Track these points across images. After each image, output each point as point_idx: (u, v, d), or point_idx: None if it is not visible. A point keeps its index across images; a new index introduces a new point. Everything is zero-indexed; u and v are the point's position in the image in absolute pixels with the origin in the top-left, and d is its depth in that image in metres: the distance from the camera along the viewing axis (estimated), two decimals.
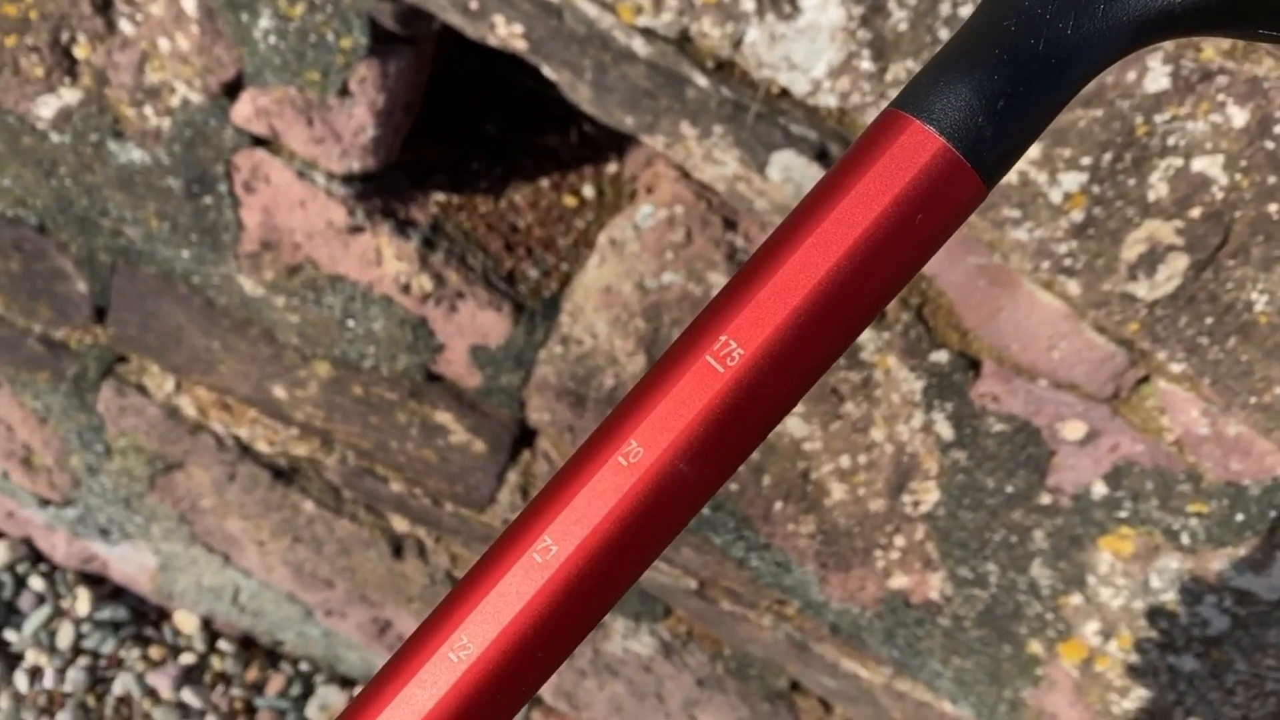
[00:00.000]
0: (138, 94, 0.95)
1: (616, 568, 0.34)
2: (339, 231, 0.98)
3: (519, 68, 0.99)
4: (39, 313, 1.16)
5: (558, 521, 0.34)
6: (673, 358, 0.34)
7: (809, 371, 0.33)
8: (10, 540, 1.55)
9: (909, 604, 1.01)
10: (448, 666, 0.35)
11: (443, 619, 0.36)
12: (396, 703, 0.36)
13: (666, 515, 0.34)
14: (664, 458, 0.33)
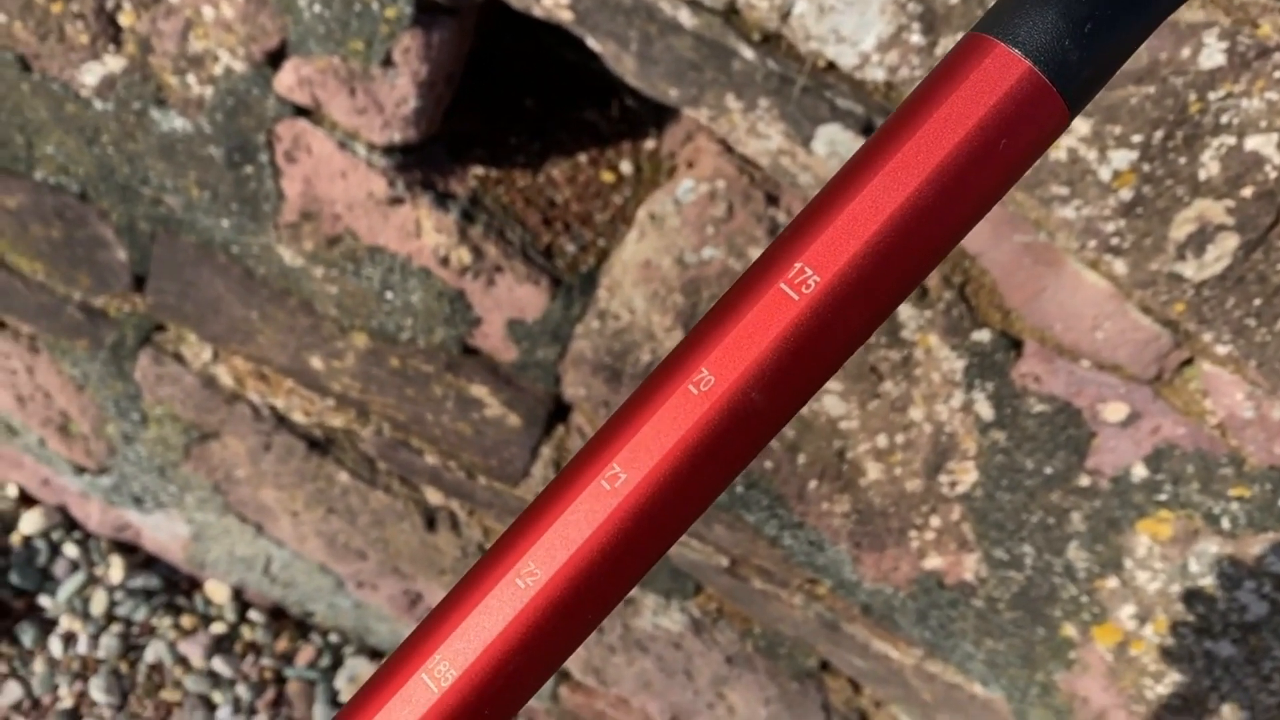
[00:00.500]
0: (181, 62, 0.96)
1: (684, 497, 0.34)
2: (379, 203, 0.98)
3: (561, 40, 0.99)
4: (79, 280, 1.17)
5: (627, 450, 0.34)
6: (745, 286, 0.33)
7: (885, 301, 0.32)
8: (45, 507, 1.57)
9: (943, 585, 1.01)
10: (514, 593, 0.35)
11: (509, 547, 0.36)
12: (463, 629, 0.35)
13: (736, 445, 0.33)
14: (735, 386, 0.32)
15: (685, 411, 0.33)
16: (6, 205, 1.12)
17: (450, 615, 0.36)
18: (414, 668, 0.35)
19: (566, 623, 0.35)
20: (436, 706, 0.35)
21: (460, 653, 0.35)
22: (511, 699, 0.36)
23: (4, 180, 1.10)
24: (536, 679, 0.36)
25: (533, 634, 0.34)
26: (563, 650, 0.36)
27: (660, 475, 0.33)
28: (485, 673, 0.35)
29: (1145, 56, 0.66)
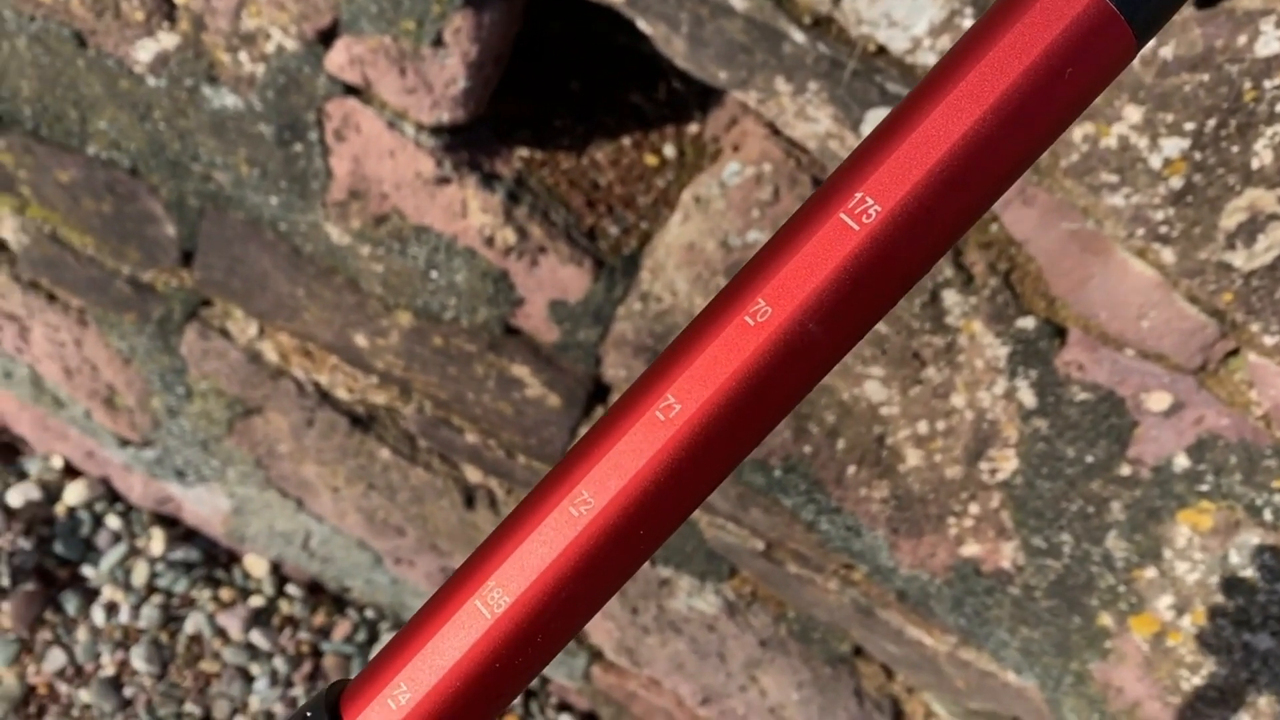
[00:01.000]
0: (233, 39, 0.97)
1: (739, 429, 0.33)
2: (426, 182, 0.99)
3: (610, 23, 0.99)
4: (128, 254, 1.18)
5: (682, 380, 0.33)
6: (804, 217, 0.33)
7: (946, 233, 0.32)
8: (89, 479, 1.59)
9: (980, 572, 1.01)
10: (568, 521, 0.34)
11: (564, 476, 0.35)
12: (516, 556, 0.35)
13: (792, 377, 0.33)
14: (792, 317, 0.32)
15: (741, 343, 0.33)
16: (60, 179, 1.13)
17: (504, 543, 0.36)
18: (468, 594, 0.36)
19: (619, 552, 0.35)
20: (490, 633, 0.35)
21: (514, 579, 0.35)
22: (564, 627, 0.36)
23: (58, 155, 1.12)
24: (589, 607, 0.36)
25: (585, 562, 0.34)
26: (615, 579, 0.36)
27: (714, 406, 0.33)
28: (538, 600, 0.35)
29: (1201, 43, 0.65)
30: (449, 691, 0.36)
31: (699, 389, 0.33)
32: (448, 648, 0.36)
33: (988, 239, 0.83)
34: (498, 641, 0.35)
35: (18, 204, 1.19)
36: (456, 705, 0.36)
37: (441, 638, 0.36)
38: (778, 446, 1.00)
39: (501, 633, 0.35)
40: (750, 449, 0.34)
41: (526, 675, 0.36)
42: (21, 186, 1.16)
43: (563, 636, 0.36)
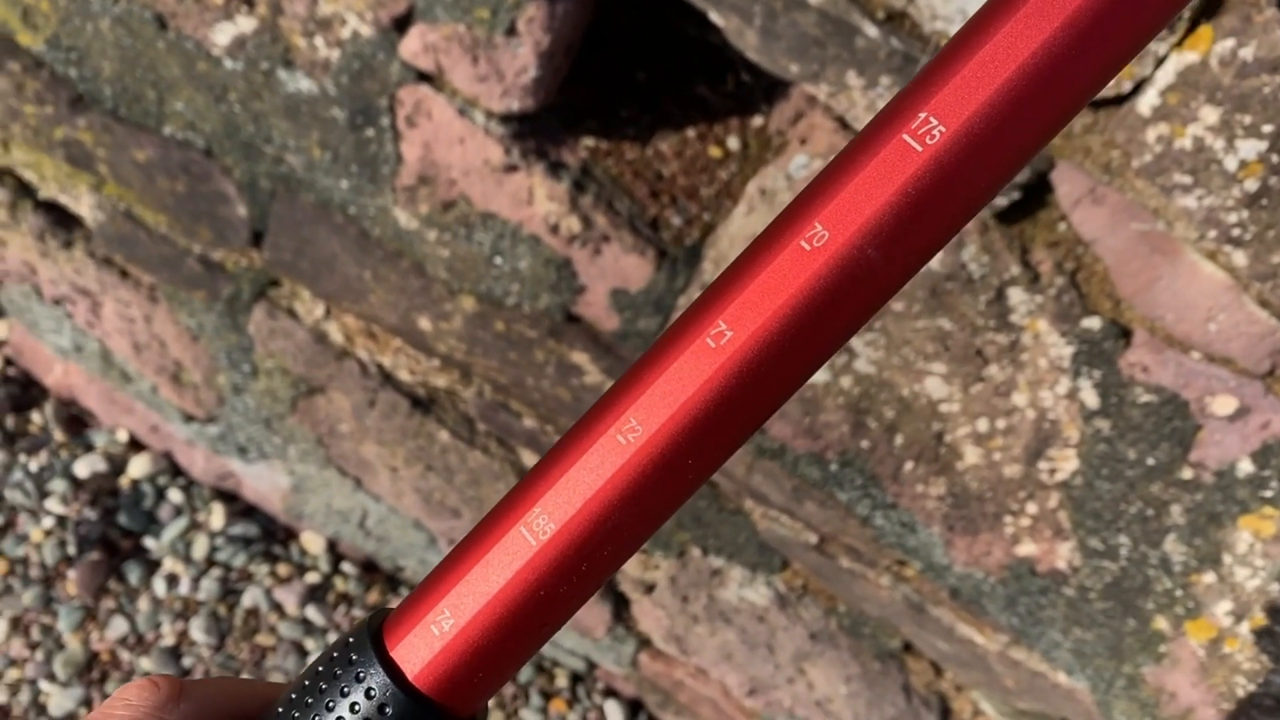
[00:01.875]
0: (310, 24, 0.99)
1: (792, 358, 0.32)
2: (494, 170, 1.01)
3: (678, 14, 1.00)
4: (200, 233, 1.21)
5: (733, 308, 0.32)
6: (865, 139, 0.31)
7: (1012, 156, 0.30)
8: (153, 453, 1.63)
9: (1035, 572, 1.01)
10: (615, 448, 0.34)
11: (613, 403, 0.34)
12: (562, 484, 0.34)
13: (849, 304, 0.31)
14: (850, 242, 0.31)
15: (796, 268, 0.31)
16: (136, 158, 1.16)
17: (551, 471, 0.35)
18: (513, 521, 0.35)
19: (666, 481, 0.34)
20: (534, 559, 0.35)
21: (559, 507, 0.34)
22: (609, 556, 0.35)
23: (135, 134, 1.14)
24: (634, 537, 0.35)
25: (631, 490, 0.34)
26: (661, 510, 0.35)
27: (767, 333, 0.32)
28: (583, 527, 0.34)
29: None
30: (493, 618, 0.35)
31: (751, 316, 0.32)
32: (492, 574, 0.35)
33: (1055, 238, 0.83)
34: (542, 569, 0.35)
35: (95, 181, 1.22)
36: (500, 632, 0.35)
37: (486, 564, 0.35)
38: (835, 440, 1.01)
39: (546, 560, 0.35)
40: (802, 381, 0.33)
41: (570, 605, 0.36)
42: (99, 165, 1.19)
43: (607, 566, 0.35)
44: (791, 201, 0.32)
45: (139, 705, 0.36)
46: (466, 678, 0.36)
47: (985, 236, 0.82)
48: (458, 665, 0.36)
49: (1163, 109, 0.71)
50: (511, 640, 0.36)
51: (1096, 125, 0.76)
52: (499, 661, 0.36)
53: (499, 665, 0.36)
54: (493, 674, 0.37)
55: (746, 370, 0.32)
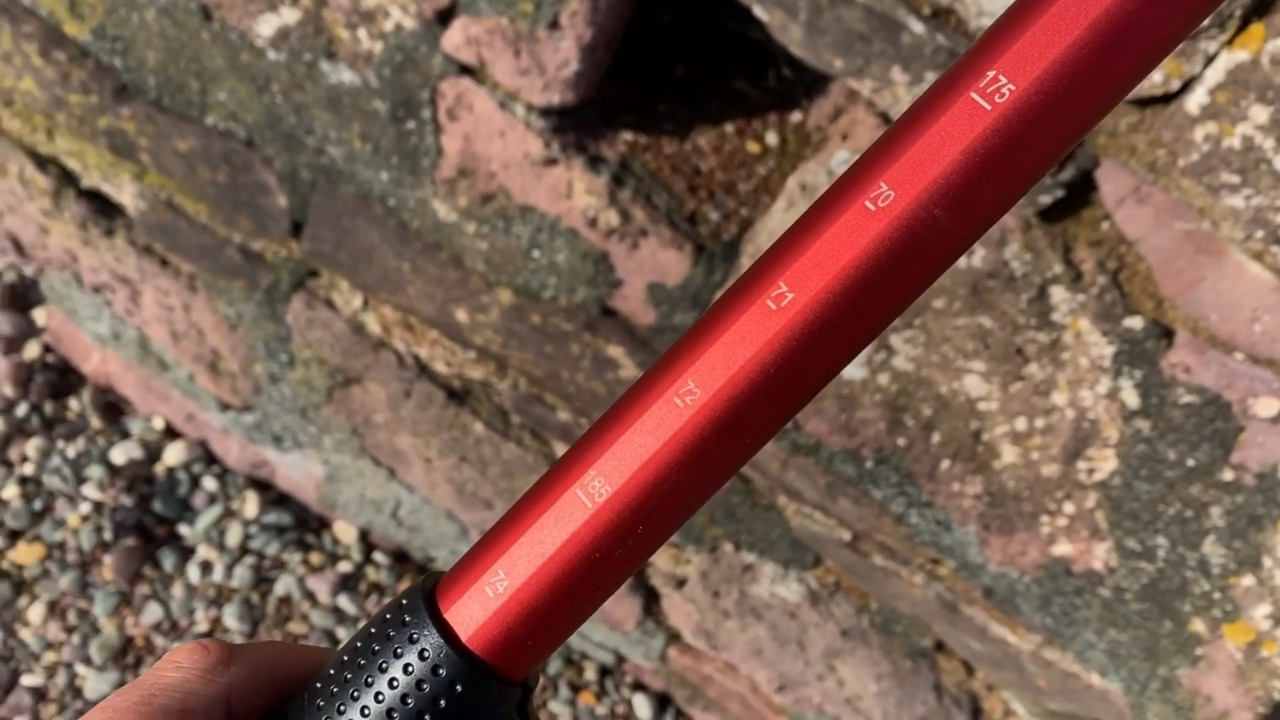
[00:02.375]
0: (354, 16, 0.99)
1: (854, 320, 0.31)
2: (534, 163, 1.01)
3: (720, 9, 1.00)
4: (240, 223, 1.22)
5: (796, 268, 0.32)
6: (931, 98, 0.30)
7: (1085, 114, 0.29)
8: (188, 441, 1.64)
9: (1070, 572, 1.00)
10: (672, 411, 0.33)
11: (670, 365, 0.34)
12: (619, 446, 0.34)
13: (914, 266, 0.31)
14: (916, 202, 0.30)
15: (860, 228, 0.31)
16: (178, 148, 1.17)
17: (607, 432, 0.35)
18: (569, 483, 0.35)
19: (723, 445, 0.33)
20: (590, 522, 0.34)
21: (615, 469, 0.34)
22: (664, 520, 0.35)
23: (177, 124, 1.15)
24: (690, 501, 0.35)
25: (688, 454, 0.33)
26: (718, 473, 0.35)
27: (830, 295, 0.31)
28: (639, 490, 0.34)
29: None
30: (547, 580, 0.35)
31: (814, 277, 0.31)
32: (547, 536, 0.35)
33: (1098, 236, 0.83)
34: (597, 531, 0.35)
35: (137, 170, 1.23)
36: (554, 595, 0.35)
37: (540, 526, 0.35)
38: (871, 437, 1.00)
39: (602, 522, 0.34)
40: (863, 345, 0.33)
41: (625, 569, 0.36)
42: (142, 154, 1.20)
43: (663, 530, 0.35)
44: (854, 163, 0.32)
45: (189, 668, 0.37)
46: (520, 641, 0.36)
47: (1028, 234, 0.82)
48: (511, 628, 0.36)
49: (1211, 107, 0.71)
50: (565, 604, 0.36)
51: (1143, 124, 0.75)
52: (552, 625, 0.36)
53: (552, 629, 0.36)
54: (546, 638, 0.37)
55: (807, 333, 0.32)
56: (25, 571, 1.53)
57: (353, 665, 0.37)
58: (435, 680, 0.36)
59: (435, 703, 0.36)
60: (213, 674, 0.37)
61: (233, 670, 0.37)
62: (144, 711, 0.35)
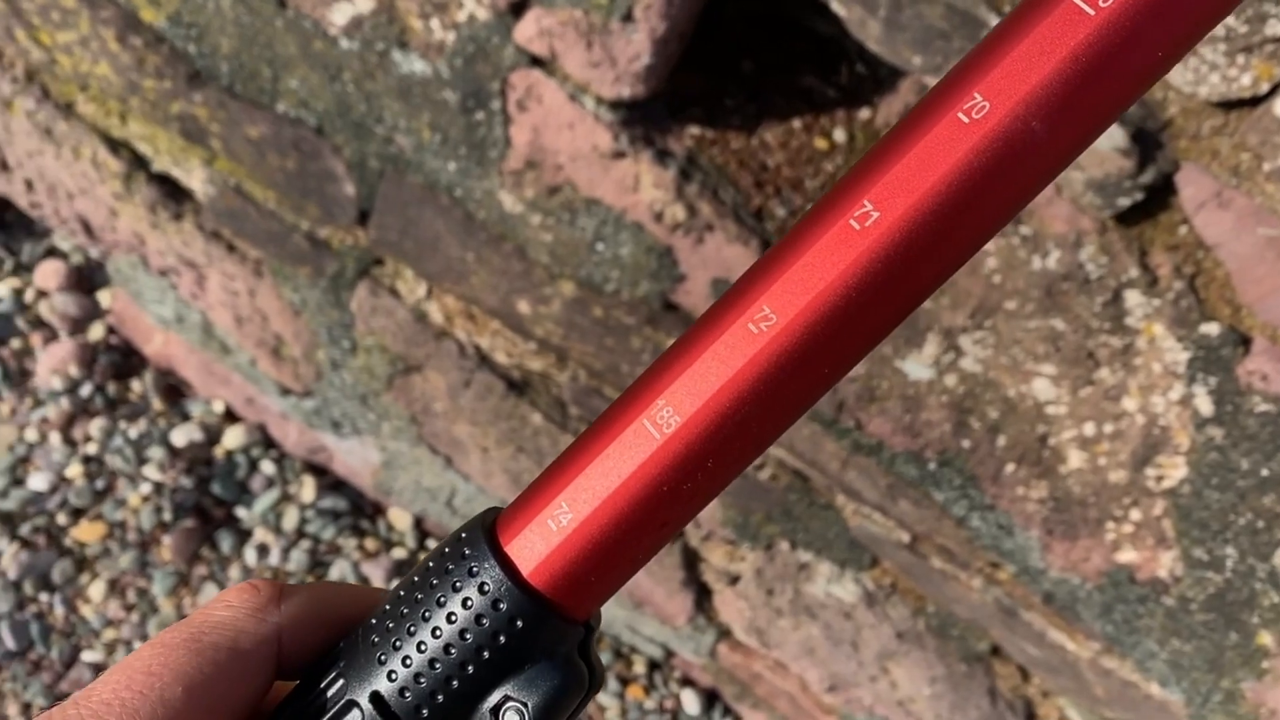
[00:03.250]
0: (427, 6, 1.00)
1: (942, 240, 0.29)
2: (602, 156, 1.01)
3: (796, 3, 1.00)
4: (308, 210, 1.23)
5: (881, 185, 0.29)
6: (1028, 6, 0.29)
7: (1189, 23, 0.28)
8: (247, 425, 1.66)
9: (1134, 580, 0.99)
10: (746, 338, 0.32)
11: (746, 290, 0.32)
12: (690, 374, 0.32)
13: (1009, 183, 0.29)
14: (1013, 112, 0.28)
15: (953, 141, 0.28)
16: (249, 135, 1.18)
17: (677, 361, 0.33)
18: (636, 414, 0.33)
19: (799, 374, 0.31)
20: (658, 453, 0.33)
21: (685, 399, 0.32)
22: (735, 453, 0.33)
23: (249, 111, 1.17)
24: (762, 434, 0.33)
25: (762, 383, 0.32)
26: (793, 405, 0.33)
27: (919, 214, 0.29)
28: (709, 421, 0.32)
29: None
30: (612, 513, 0.34)
31: (902, 194, 0.29)
32: (612, 468, 0.33)
33: (1175, 241, 0.81)
34: (665, 463, 0.33)
35: (207, 156, 1.25)
36: (619, 529, 0.34)
37: (606, 458, 0.34)
38: (935, 439, 1.00)
39: (670, 454, 0.33)
40: (955, 266, 0.31)
41: (693, 504, 0.34)
42: (212, 140, 1.22)
43: (733, 464, 0.33)
44: (946, 75, 0.30)
45: (239, 606, 0.36)
46: (583, 576, 0.35)
47: (1104, 237, 0.81)
48: (574, 562, 0.34)
49: None
50: (630, 539, 0.34)
51: (1227, 127, 0.74)
52: (616, 562, 0.35)
53: (616, 566, 0.35)
54: (609, 575, 0.35)
55: (893, 255, 0.30)
56: (87, 549, 1.55)
57: (409, 600, 0.36)
58: (495, 615, 0.34)
59: (495, 638, 0.34)
60: (263, 613, 0.36)
61: (284, 609, 0.37)
62: (193, 648, 0.35)
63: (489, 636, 0.34)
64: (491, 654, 0.34)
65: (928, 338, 0.92)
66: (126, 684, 0.33)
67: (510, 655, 0.35)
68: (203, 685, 0.34)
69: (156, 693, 0.33)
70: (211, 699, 0.34)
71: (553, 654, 0.35)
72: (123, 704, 0.33)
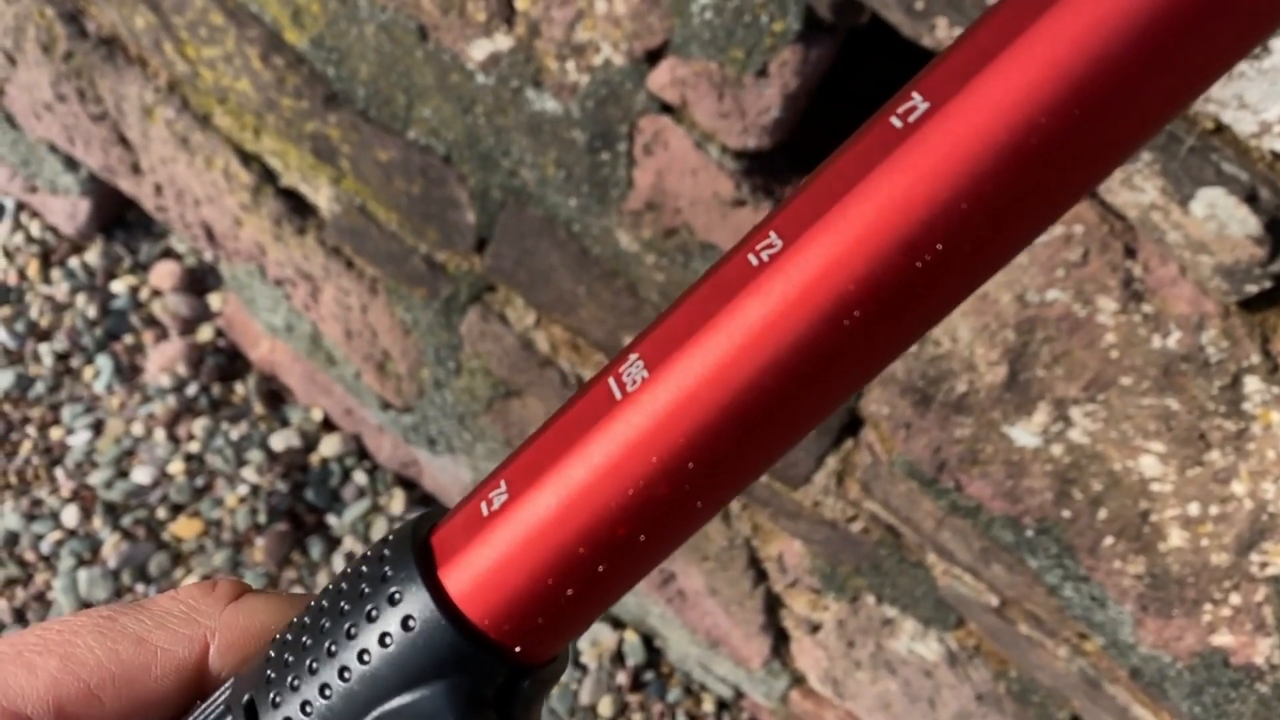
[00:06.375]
0: (564, 49, 1.03)
1: (1001, 139, 0.21)
2: (722, 203, 1.03)
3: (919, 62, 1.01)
4: (427, 235, 1.27)
5: (932, 79, 0.23)
6: None
7: None
8: (343, 434, 1.70)
9: (1228, 664, 0.98)
10: (743, 272, 0.24)
11: (750, 232, 0.25)
12: (670, 322, 0.25)
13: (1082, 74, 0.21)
14: None
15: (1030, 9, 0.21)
16: (378, 158, 1.23)
17: (664, 313, 0.25)
18: (603, 374, 0.26)
19: (811, 318, 0.23)
20: (616, 417, 0.25)
21: (658, 347, 0.24)
22: (727, 429, 0.24)
23: (380, 135, 1.21)
24: (769, 405, 0.24)
25: (759, 329, 0.23)
26: (804, 369, 0.23)
27: (993, 105, 0.21)
28: (688, 374, 0.24)
29: None
30: (558, 494, 0.25)
31: (952, 83, 0.22)
32: (564, 437, 0.25)
33: None
34: (625, 431, 0.24)
35: (335, 175, 1.29)
36: (567, 516, 0.25)
37: (560, 427, 0.26)
38: (1035, 506, 1.00)
39: (632, 418, 0.24)
40: (1001, 184, 0.22)
41: (668, 502, 0.25)
42: (342, 160, 1.26)
43: (728, 447, 0.24)
44: None
45: (181, 600, 0.34)
46: (516, 583, 0.26)
47: (1226, 321, 0.81)
48: (504, 558, 0.26)
49: None
50: (583, 534, 0.25)
51: None
52: (565, 565, 0.25)
53: (565, 572, 0.26)
54: (556, 588, 0.26)
55: (946, 152, 0.22)
56: (183, 545, 1.60)
57: (320, 594, 0.30)
58: (385, 608, 0.27)
59: (381, 640, 0.27)
60: (199, 613, 0.33)
61: (226, 614, 0.33)
62: (104, 626, 0.32)
63: (376, 639, 0.27)
64: (375, 663, 0.27)
65: (1038, 406, 0.93)
66: (15, 640, 0.32)
67: (399, 670, 0.27)
68: (86, 664, 0.31)
69: (30, 655, 0.31)
70: (95, 680, 0.31)
71: (454, 688, 0.27)
72: None
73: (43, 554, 1.57)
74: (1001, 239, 0.23)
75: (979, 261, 0.23)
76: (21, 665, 0.31)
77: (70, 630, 0.32)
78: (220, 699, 0.31)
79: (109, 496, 1.61)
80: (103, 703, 0.31)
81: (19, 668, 0.31)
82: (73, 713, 0.31)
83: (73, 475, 1.64)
